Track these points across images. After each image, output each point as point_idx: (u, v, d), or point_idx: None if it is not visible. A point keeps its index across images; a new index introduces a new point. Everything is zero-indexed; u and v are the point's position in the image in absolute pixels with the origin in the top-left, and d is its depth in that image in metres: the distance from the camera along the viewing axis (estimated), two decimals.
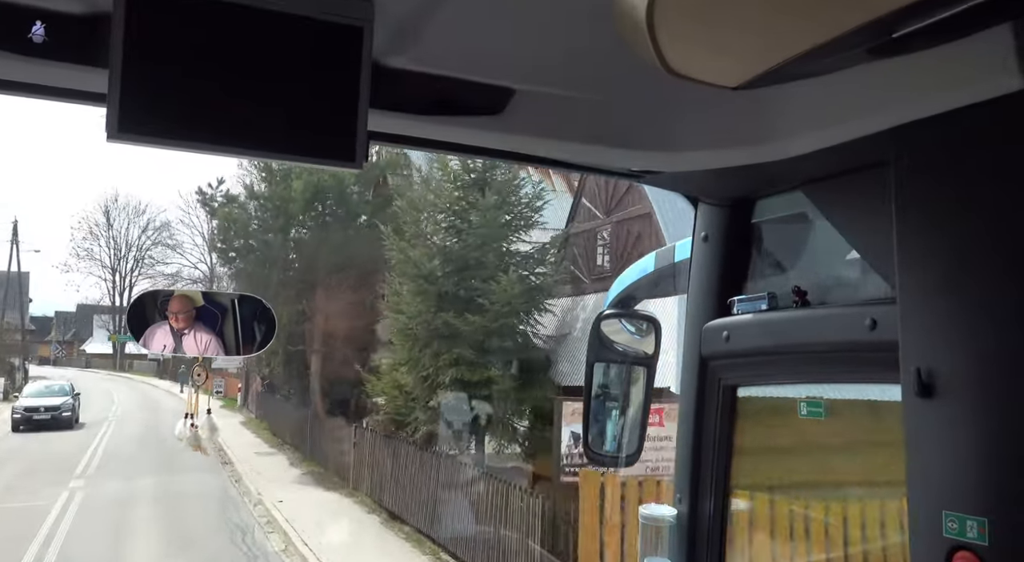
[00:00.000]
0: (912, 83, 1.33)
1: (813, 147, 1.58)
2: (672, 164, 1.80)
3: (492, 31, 1.38)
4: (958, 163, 1.39)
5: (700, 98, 1.40)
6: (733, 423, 2.03)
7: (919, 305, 1.44)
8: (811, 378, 1.88)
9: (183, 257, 73.94)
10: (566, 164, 1.88)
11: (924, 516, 1.41)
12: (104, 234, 77.07)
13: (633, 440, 2.40)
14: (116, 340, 76.64)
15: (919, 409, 1.41)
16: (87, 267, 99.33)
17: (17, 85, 1.37)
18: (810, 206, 1.82)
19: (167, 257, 71.95)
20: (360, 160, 1.35)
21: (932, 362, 1.40)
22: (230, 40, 1.28)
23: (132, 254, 76.86)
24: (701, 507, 2.02)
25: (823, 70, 1.13)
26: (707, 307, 2.02)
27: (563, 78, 1.52)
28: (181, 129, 1.27)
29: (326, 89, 1.32)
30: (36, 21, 1.24)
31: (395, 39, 1.37)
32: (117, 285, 78.10)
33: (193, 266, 64.52)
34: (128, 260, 77.20)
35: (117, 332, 75.95)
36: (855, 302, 1.69)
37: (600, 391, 2.41)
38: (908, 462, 1.45)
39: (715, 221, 2.04)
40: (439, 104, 1.52)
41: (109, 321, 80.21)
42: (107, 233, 76.81)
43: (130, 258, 77.15)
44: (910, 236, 1.46)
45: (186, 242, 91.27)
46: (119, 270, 77.22)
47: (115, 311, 76.95)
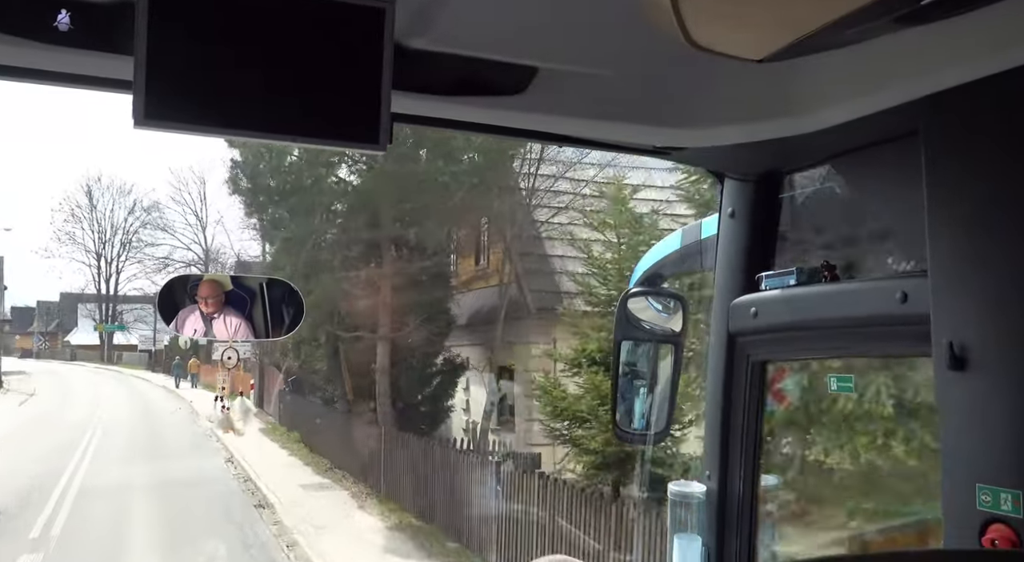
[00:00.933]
0: (940, 51, 1.30)
1: (841, 119, 1.56)
2: (697, 140, 1.78)
3: (514, 9, 1.37)
4: (989, 132, 1.36)
5: (724, 72, 1.38)
6: (762, 399, 2.02)
7: (951, 277, 1.42)
8: (841, 353, 1.87)
9: (175, 238, 66.91)
10: (590, 142, 1.87)
11: (958, 489, 1.40)
12: (87, 216, 69.52)
13: (662, 418, 2.40)
14: (103, 330, 71.38)
15: (952, 382, 1.40)
16: (69, 252, 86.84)
17: (43, 73, 1.39)
18: (838, 179, 1.80)
19: (157, 239, 68.39)
20: (384, 142, 1.35)
21: (964, 335, 1.38)
22: (253, 25, 1.29)
23: (118, 237, 69.18)
24: (731, 484, 2.02)
25: (849, 40, 1.11)
26: (735, 283, 2.01)
27: (586, 55, 1.51)
28: (206, 114, 1.28)
29: (349, 71, 1.33)
30: (61, 9, 1.26)
31: (417, 20, 1.37)
32: (102, 271, 70.60)
33: (186, 248, 58.88)
34: (114, 244, 69.72)
35: (104, 321, 70.95)
36: (885, 275, 1.67)
37: (628, 369, 2.41)
38: (941, 435, 1.44)
39: (742, 196, 2.02)
40: (462, 84, 1.52)
41: (95, 310, 72.99)
42: (90, 215, 69.12)
43: (116, 242, 69.50)
44: (941, 207, 1.43)
45: (177, 222, 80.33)
46: (104, 255, 69.79)
47: (101, 299, 70.84)
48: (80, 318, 76.48)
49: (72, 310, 77.18)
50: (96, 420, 27.08)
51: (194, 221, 69.80)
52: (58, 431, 24.30)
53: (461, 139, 15.41)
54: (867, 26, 1.01)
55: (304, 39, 1.31)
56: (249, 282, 2.86)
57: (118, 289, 69.69)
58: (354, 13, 1.31)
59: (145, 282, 70.97)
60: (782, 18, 0.97)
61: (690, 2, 0.92)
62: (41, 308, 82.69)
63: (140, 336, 64.14)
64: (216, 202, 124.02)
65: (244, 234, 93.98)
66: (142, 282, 72.61)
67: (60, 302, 79.68)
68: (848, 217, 1.87)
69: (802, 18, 0.97)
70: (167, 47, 1.24)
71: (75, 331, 77.75)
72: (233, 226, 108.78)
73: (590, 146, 1.91)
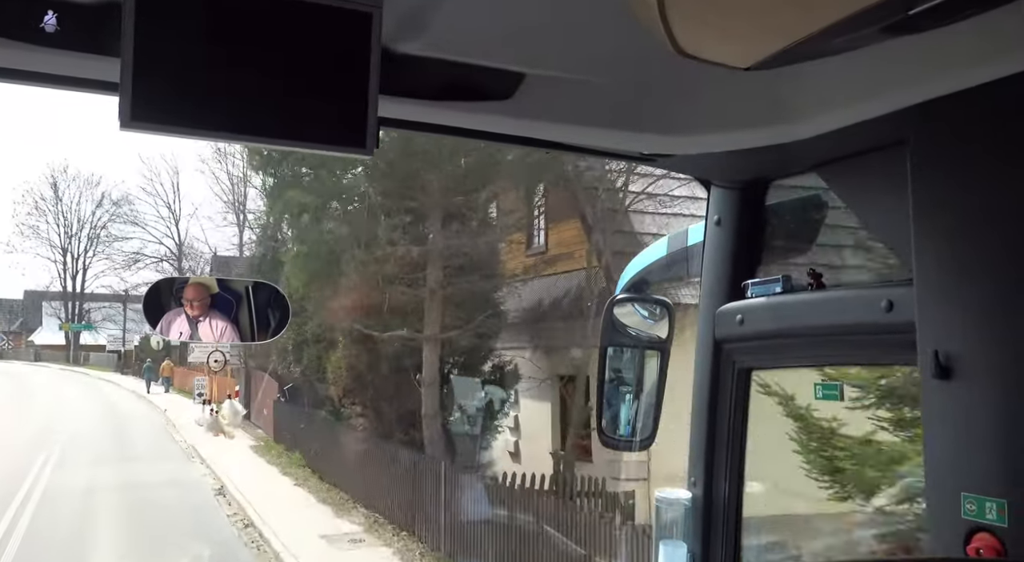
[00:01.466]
0: (929, 61, 1.31)
1: (828, 128, 1.56)
2: (684, 147, 1.78)
3: (502, 15, 1.37)
4: (976, 142, 1.37)
5: (712, 79, 1.38)
6: (747, 406, 2.02)
7: (936, 286, 1.42)
8: (827, 361, 1.87)
9: (146, 231, 61.93)
10: (577, 148, 1.87)
11: (942, 498, 1.40)
12: (52, 209, 66.02)
13: (648, 424, 2.40)
14: (69, 329, 67.00)
15: (937, 391, 1.40)
16: (33, 247, 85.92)
17: (29, 74, 1.38)
18: (825, 188, 1.80)
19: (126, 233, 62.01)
20: (371, 146, 1.35)
21: (950, 343, 1.38)
22: (240, 27, 1.28)
23: (85, 232, 65.75)
24: (716, 490, 2.02)
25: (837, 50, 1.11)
26: (721, 290, 2.01)
27: (573, 61, 1.51)
28: (193, 117, 1.28)
29: (336, 76, 1.32)
30: (48, 10, 1.25)
31: (404, 24, 1.37)
32: (68, 267, 67.11)
33: (158, 242, 56.61)
34: (81, 238, 66.12)
35: (70, 320, 66.90)
36: (871, 284, 1.67)
37: (613, 375, 2.41)
38: (926, 444, 1.44)
39: (728, 204, 2.02)
40: (449, 89, 1.51)
41: (60, 308, 69.00)
42: (55, 208, 65.82)
43: (83, 236, 65.96)
44: (927, 216, 1.44)
45: (148, 215, 74.10)
46: (70, 250, 66.37)
47: (67, 297, 67.11)
48: (45, 317, 72.61)
49: (37, 308, 73.69)
50: (54, 435, 22.36)
51: (166, 213, 68.23)
52: (5, 452, 18.68)
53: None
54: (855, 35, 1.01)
55: (291, 42, 1.30)
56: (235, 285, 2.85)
57: (85, 286, 66.26)
58: (342, 17, 1.31)
59: (114, 279, 69.07)
60: (770, 26, 0.97)
61: (677, 10, 0.92)
62: (4, 306, 78.55)
63: (108, 336, 60.13)
64: (190, 193, 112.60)
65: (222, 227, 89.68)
66: (110, 279, 70.69)
67: (24, 300, 76.05)
68: (834, 225, 1.88)
69: (790, 26, 0.97)
70: (154, 49, 1.23)
71: (40, 330, 74.01)
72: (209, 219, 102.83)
73: (576, 152, 1.91)
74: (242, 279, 9.36)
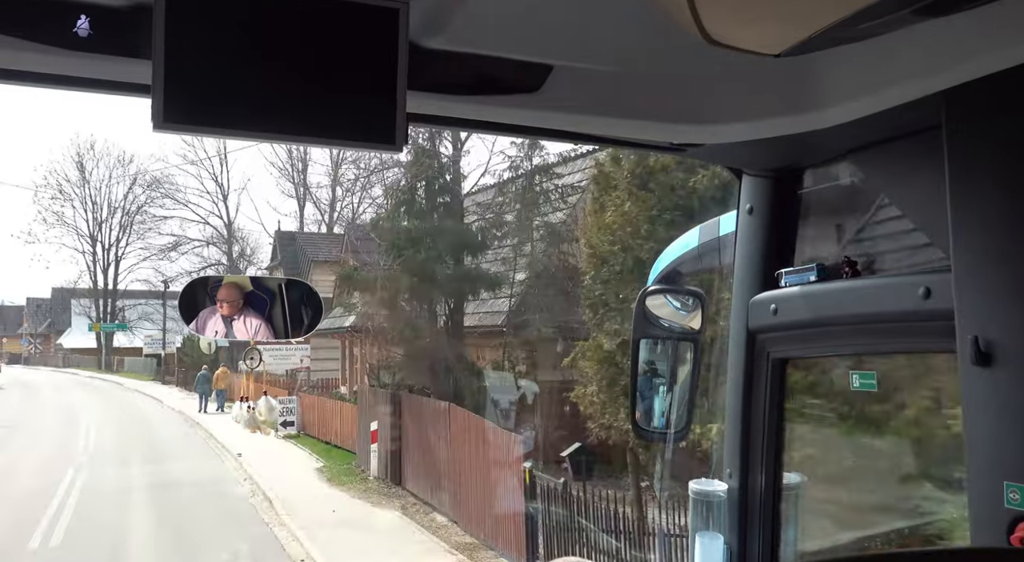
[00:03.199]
0: (960, 43, 1.28)
1: (859, 114, 1.54)
2: (714, 136, 1.77)
3: (528, 7, 1.36)
4: (1012, 124, 1.34)
5: (741, 67, 1.37)
6: (783, 397, 2.00)
7: (975, 272, 1.40)
8: (863, 349, 1.85)
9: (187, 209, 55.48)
10: (606, 140, 1.86)
11: (984, 487, 1.38)
12: (78, 193, 56.71)
13: (682, 416, 2.38)
14: (100, 330, 57.69)
15: (977, 378, 1.38)
16: (58, 236, 74.26)
17: (64, 79, 1.40)
18: (858, 174, 1.78)
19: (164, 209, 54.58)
20: (400, 142, 1.36)
21: (989, 330, 1.36)
22: (268, 28, 1.29)
23: (117, 218, 56.56)
24: (752, 481, 2.00)
25: (867, 34, 1.10)
26: (754, 280, 2.00)
27: (601, 53, 1.50)
28: (224, 117, 1.30)
29: (364, 72, 1.33)
30: (81, 15, 1.27)
31: (431, 19, 1.37)
32: (99, 258, 57.53)
33: (202, 221, 49.55)
34: (112, 226, 56.78)
35: (101, 320, 57.56)
36: (908, 271, 1.65)
37: (647, 367, 2.40)
38: (967, 433, 1.42)
39: (760, 192, 2.00)
40: (477, 83, 1.51)
41: (91, 306, 58.92)
42: (82, 191, 56.63)
43: (114, 223, 56.75)
44: (964, 202, 1.41)
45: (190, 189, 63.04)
46: (100, 239, 57.11)
47: (97, 293, 57.81)
48: (74, 316, 62.67)
49: (66, 307, 63.87)
50: (55, 511, 13.45)
51: (212, 187, 56.96)
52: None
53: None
54: (884, 20, 0.99)
55: (320, 41, 1.31)
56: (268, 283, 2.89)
57: (118, 280, 57.87)
58: (369, 13, 1.31)
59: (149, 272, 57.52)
60: (799, 12, 0.96)
61: None
62: (31, 306, 70.57)
63: (145, 337, 50.16)
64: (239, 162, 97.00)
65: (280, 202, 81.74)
66: (146, 272, 59.87)
67: (52, 298, 67.21)
68: (868, 212, 1.85)
69: (819, 12, 0.96)
70: (184, 51, 1.25)
71: (68, 332, 64.44)
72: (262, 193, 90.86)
73: (605, 143, 1.90)
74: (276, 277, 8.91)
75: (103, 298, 58.22)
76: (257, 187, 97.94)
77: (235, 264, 48.99)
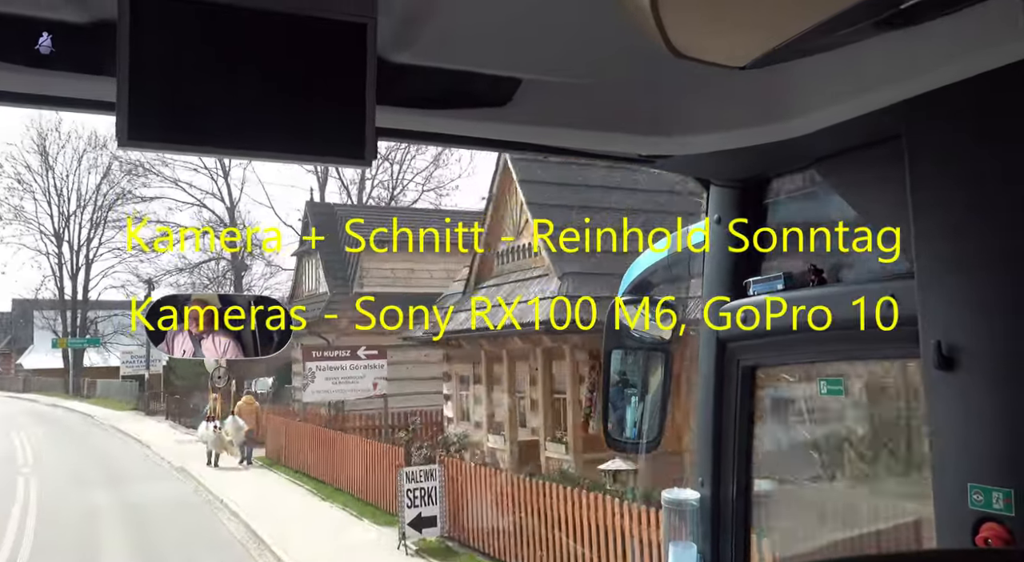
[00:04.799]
0: (923, 54, 1.31)
1: (824, 124, 1.57)
2: (682, 147, 1.79)
3: (495, 21, 1.37)
4: (972, 133, 1.37)
5: (708, 79, 1.39)
6: (753, 405, 2.02)
7: (937, 278, 1.43)
8: (831, 356, 1.87)
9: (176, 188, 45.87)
10: (574, 152, 1.87)
11: (949, 489, 1.40)
12: (41, 182, 47.12)
13: (654, 426, 2.40)
14: (66, 346, 45.74)
15: (941, 382, 1.40)
16: (16, 234, 60.05)
17: (26, 97, 1.38)
18: (824, 183, 1.81)
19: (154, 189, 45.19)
20: (369, 157, 1.35)
21: (952, 335, 1.39)
22: (234, 43, 1.28)
23: (88, 212, 46.81)
24: (724, 490, 2.02)
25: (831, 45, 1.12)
26: (723, 289, 2.02)
27: (569, 65, 1.51)
28: (190, 134, 1.28)
29: (332, 88, 1.33)
30: (43, 32, 1.25)
31: (399, 34, 1.37)
32: (66, 261, 47.79)
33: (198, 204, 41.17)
34: (80, 220, 46.94)
35: (68, 334, 46.52)
36: (873, 278, 1.68)
37: (618, 378, 2.41)
38: (931, 436, 1.45)
39: (727, 203, 2.03)
40: (446, 97, 1.52)
41: (56, 318, 48.55)
42: (45, 181, 47.07)
43: (84, 218, 46.90)
44: (926, 209, 1.44)
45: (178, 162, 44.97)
46: (69, 238, 47.36)
47: (64, 304, 47.94)
48: (36, 331, 51.01)
49: (28, 321, 52.42)
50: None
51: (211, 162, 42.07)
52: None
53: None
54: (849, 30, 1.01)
55: (287, 56, 1.30)
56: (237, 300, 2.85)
57: (89, 287, 47.95)
58: (336, 28, 1.31)
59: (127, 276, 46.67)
60: (763, 23, 0.97)
61: (671, 9, 0.92)
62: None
63: (123, 354, 39.63)
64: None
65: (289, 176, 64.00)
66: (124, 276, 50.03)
67: (12, 311, 55.21)
68: (834, 220, 1.89)
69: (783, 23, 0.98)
70: (149, 68, 1.23)
71: (30, 350, 52.57)
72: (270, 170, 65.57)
73: (574, 156, 1.91)
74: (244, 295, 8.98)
75: (71, 308, 48.26)
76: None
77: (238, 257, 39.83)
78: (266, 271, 46.80)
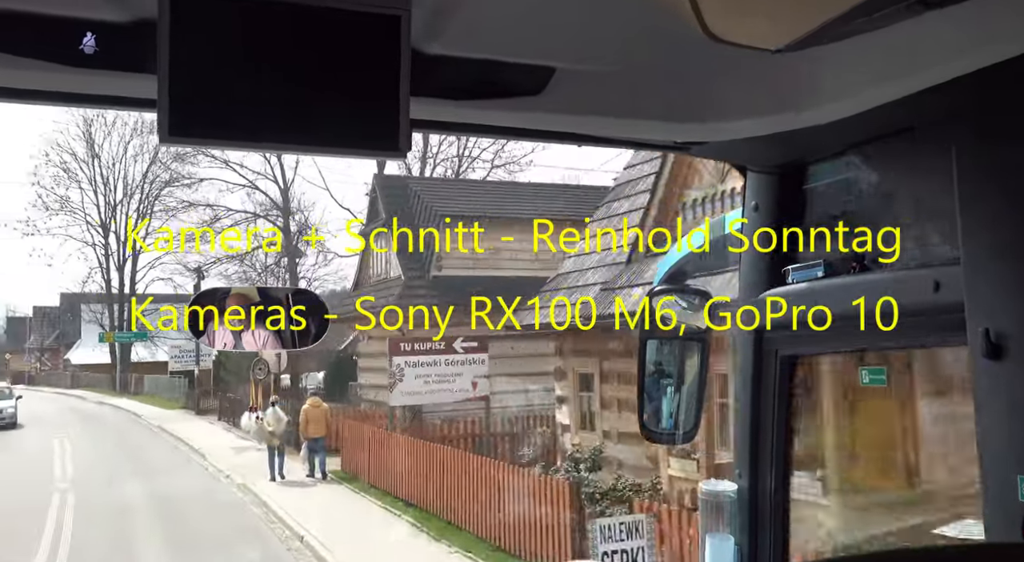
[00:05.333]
0: (967, 33, 1.28)
1: (864, 107, 1.53)
2: (717, 133, 1.77)
3: (529, 10, 1.37)
4: (1021, 116, 1.33)
5: (743, 63, 1.37)
6: (792, 396, 1.99)
7: (984, 264, 1.40)
8: (872, 345, 1.84)
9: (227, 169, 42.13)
10: (609, 141, 1.86)
11: (998, 481, 1.37)
12: (87, 171, 45.90)
13: (690, 417, 2.38)
14: (113, 341, 45.13)
15: (989, 371, 1.37)
16: (62, 225, 54.84)
17: (71, 96, 1.42)
18: (864, 168, 1.78)
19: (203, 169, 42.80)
20: (404, 149, 1.37)
21: (1000, 322, 1.35)
22: (271, 39, 1.30)
23: (136, 201, 45.46)
24: (762, 482, 2.00)
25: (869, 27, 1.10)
26: (761, 278, 1.99)
27: (603, 53, 1.50)
28: (229, 129, 1.31)
29: (367, 80, 1.34)
30: (87, 32, 1.28)
31: (432, 25, 1.37)
32: (113, 253, 46.65)
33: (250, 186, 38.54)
34: (128, 209, 45.77)
35: (115, 328, 45.89)
36: (916, 264, 1.64)
37: (654, 368, 2.40)
38: (979, 426, 1.42)
39: (765, 189, 2.00)
40: (479, 87, 1.52)
41: (103, 312, 47.50)
42: (91, 169, 45.79)
43: (131, 207, 45.65)
44: (973, 194, 1.41)
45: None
46: (115, 229, 46.18)
47: (111, 298, 46.94)
48: (84, 325, 50.06)
49: (76, 315, 51.53)
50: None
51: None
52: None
53: None
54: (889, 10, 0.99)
55: (322, 49, 1.32)
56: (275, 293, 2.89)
57: (136, 279, 46.85)
58: (371, 21, 1.32)
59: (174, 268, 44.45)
60: (800, 6, 0.96)
61: None
62: (37, 315, 58.39)
63: (171, 349, 38.70)
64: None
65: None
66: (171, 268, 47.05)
67: (60, 305, 54.75)
68: (875, 206, 1.85)
69: (819, 6, 0.96)
70: (189, 64, 1.26)
71: (77, 344, 52.13)
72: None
73: (608, 145, 1.90)
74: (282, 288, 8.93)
75: (118, 303, 47.13)
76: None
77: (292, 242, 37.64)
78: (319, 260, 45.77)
